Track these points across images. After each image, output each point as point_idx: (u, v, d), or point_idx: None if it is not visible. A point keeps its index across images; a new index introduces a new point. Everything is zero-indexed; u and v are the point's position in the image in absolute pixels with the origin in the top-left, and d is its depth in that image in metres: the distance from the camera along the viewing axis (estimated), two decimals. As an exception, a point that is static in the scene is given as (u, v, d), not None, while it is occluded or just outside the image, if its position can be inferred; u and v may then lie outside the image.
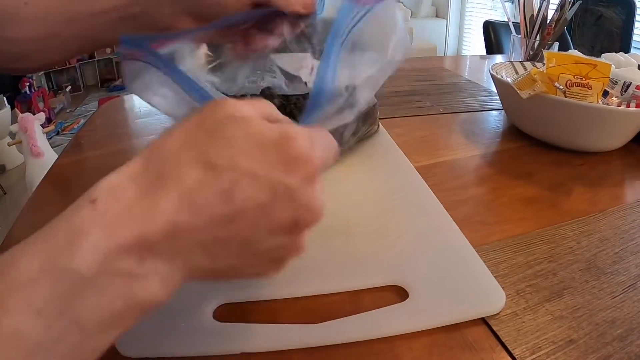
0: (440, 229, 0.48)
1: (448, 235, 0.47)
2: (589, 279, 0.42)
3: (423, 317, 0.37)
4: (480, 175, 0.63)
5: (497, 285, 0.40)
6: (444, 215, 0.50)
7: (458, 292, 0.39)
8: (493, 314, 0.38)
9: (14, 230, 0.51)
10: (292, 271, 0.41)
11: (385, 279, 0.41)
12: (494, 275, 0.41)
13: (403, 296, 0.39)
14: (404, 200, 0.53)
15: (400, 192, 0.55)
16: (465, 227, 0.47)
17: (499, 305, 0.38)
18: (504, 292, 0.39)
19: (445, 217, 0.50)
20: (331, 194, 0.54)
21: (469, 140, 0.73)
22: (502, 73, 0.80)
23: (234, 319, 0.37)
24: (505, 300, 0.39)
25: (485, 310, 0.38)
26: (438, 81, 1.10)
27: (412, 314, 0.37)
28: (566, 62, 0.66)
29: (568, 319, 0.37)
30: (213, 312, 0.38)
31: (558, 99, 0.63)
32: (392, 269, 0.42)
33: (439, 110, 0.88)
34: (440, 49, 5.31)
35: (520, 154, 0.68)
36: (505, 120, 0.82)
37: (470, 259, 0.43)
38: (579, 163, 0.64)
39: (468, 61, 1.46)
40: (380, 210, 0.51)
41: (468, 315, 0.38)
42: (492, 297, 0.39)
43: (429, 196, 0.54)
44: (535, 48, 1.06)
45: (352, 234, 0.47)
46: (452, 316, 0.37)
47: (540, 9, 1.04)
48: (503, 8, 1.22)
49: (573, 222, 0.51)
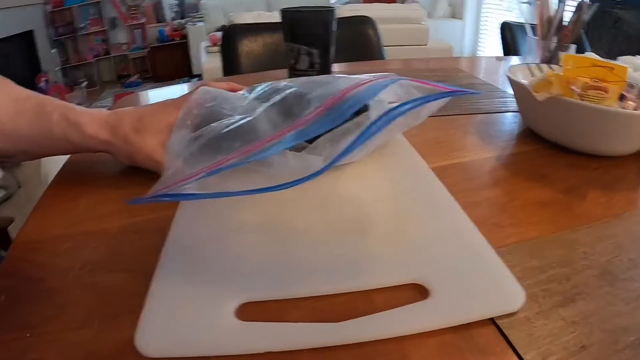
0: (457, 227, 0.48)
1: (466, 234, 0.47)
2: (603, 284, 0.41)
3: (446, 315, 0.37)
4: (494, 178, 0.62)
5: (515, 282, 0.40)
6: (461, 214, 0.50)
7: (478, 289, 0.40)
8: (512, 312, 0.38)
9: (29, 223, 0.52)
10: (312, 270, 0.42)
11: (406, 277, 0.41)
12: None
13: (424, 294, 0.39)
14: (420, 198, 0.53)
15: (415, 190, 0.55)
16: (479, 229, 0.47)
17: (519, 302, 0.38)
18: (522, 289, 0.39)
19: (462, 216, 0.50)
20: (348, 191, 0.55)
21: (483, 142, 0.73)
22: (518, 75, 0.79)
23: (254, 318, 0.37)
24: (524, 298, 0.39)
25: (505, 307, 0.38)
26: (453, 82, 1.10)
27: (435, 312, 0.37)
28: (583, 64, 0.65)
29: (581, 325, 0.37)
30: (234, 311, 0.38)
31: (574, 102, 0.62)
32: (411, 267, 0.42)
33: (454, 112, 0.87)
34: (456, 49, 5.29)
35: (535, 157, 0.68)
36: (520, 123, 0.82)
37: (487, 256, 0.44)
38: (594, 167, 0.64)
39: (484, 62, 1.46)
40: (397, 208, 0.52)
41: (489, 312, 0.38)
42: (512, 294, 0.39)
43: (445, 195, 0.54)
44: (552, 50, 1.05)
45: (371, 233, 0.47)
46: (474, 313, 0.37)
47: (558, 11, 1.04)
48: (520, 9, 1.21)
49: (588, 226, 0.50)
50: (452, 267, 0.42)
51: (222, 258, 0.44)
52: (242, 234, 0.47)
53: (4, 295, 0.41)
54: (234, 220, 0.49)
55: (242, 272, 0.42)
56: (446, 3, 5.53)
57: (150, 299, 0.39)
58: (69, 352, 0.35)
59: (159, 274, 0.42)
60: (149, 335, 0.35)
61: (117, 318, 0.38)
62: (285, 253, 0.44)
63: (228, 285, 0.40)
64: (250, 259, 0.44)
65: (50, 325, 0.38)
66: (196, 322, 0.36)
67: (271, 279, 0.41)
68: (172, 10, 5.93)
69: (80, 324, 0.38)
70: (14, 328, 0.38)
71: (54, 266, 0.45)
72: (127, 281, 0.43)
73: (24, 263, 0.46)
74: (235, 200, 0.51)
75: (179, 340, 0.35)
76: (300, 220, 0.50)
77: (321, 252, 0.44)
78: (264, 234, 0.47)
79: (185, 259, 0.44)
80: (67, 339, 0.36)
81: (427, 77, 1.12)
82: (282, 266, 0.43)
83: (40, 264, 0.45)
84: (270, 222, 0.49)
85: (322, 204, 0.53)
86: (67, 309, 0.39)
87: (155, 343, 0.35)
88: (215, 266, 0.43)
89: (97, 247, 0.48)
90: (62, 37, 5.36)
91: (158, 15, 5.84)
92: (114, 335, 0.37)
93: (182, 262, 0.43)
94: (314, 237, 0.47)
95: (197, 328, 0.36)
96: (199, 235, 0.47)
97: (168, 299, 0.39)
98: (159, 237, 0.48)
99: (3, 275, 0.44)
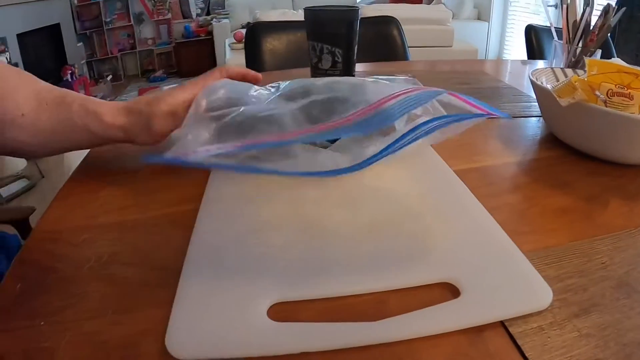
0: (483, 227, 0.48)
1: (492, 232, 0.47)
2: (620, 296, 0.41)
3: (478, 313, 0.37)
4: (515, 183, 0.61)
5: (542, 281, 0.40)
6: (485, 214, 0.50)
7: (507, 287, 0.40)
8: (541, 309, 0.38)
9: (48, 213, 0.53)
10: (343, 269, 0.42)
11: (437, 276, 0.41)
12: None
13: (454, 293, 0.40)
14: (445, 198, 0.54)
15: (440, 190, 0.55)
16: (496, 235, 0.46)
17: (547, 300, 0.39)
18: (549, 287, 0.40)
19: (487, 215, 0.50)
20: (372, 191, 0.55)
21: (505, 147, 0.72)
22: (542, 79, 0.78)
23: (284, 318, 0.37)
24: (552, 296, 0.39)
25: (534, 305, 0.38)
26: (477, 85, 1.09)
27: (467, 310, 0.38)
28: (608, 70, 0.64)
29: (595, 337, 0.36)
30: (267, 312, 0.38)
31: (598, 109, 0.61)
32: (441, 266, 0.42)
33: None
34: (481, 51, 5.24)
35: (557, 163, 0.67)
36: (543, 128, 0.81)
37: (515, 255, 0.44)
38: (617, 175, 0.62)
39: (509, 66, 1.44)
40: (423, 208, 0.52)
41: (520, 310, 0.38)
42: (540, 292, 0.39)
43: (469, 195, 0.54)
44: (577, 55, 1.03)
45: (400, 232, 0.47)
46: (505, 311, 0.38)
47: (584, 15, 1.02)
48: (545, 13, 1.19)
49: (607, 236, 0.49)
50: (480, 266, 0.42)
51: (249, 258, 0.44)
52: (267, 233, 0.47)
53: (21, 284, 0.42)
54: (259, 220, 0.49)
55: (272, 271, 0.42)
56: (472, 5, 5.48)
57: (178, 299, 0.38)
58: (81, 342, 0.36)
59: (185, 274, 0.41)
60: (180, 337, 0.35)
61: (130, 311, 0.39)
62: (315, 252, 0.44)
63: (258, 285, 0.40)
64: (279, 258, 0.43)
65: (64, 314, 0.38)
66: (228, 323, 0.36)
67: (303, 278, 0.41)
68: (198, 7, 5.97)
69: (93, 314, 0.38)
70: (29, 316, 0.38)
71: (71, 257, 0.46)
72: (142, 274, 0.43)
73: (41, 253, 0.46)
74: (258, 201, 0.52)
75: (211, 342, 0.35)
76: (327, 219, 0.50)
77: (351, 251, 0.44)
78: (290, 233, 0.47)
79: (212, 259, 0.44)
80: (80, 329, 0.37)
81: (450, 79, 1.12)
82: (313, 265, 0.43)
83: (57, 254, 0.46)
84: (296, 222, 0.49)
85: (347, 203, 0.52)
86: (81, 299, 0.40)
87: (186, 345, 0.34)
88: (243, 266, 0.43)
89: (113, 239, 0.48)
90: (88, 30, 5.44)
91: (184, 11, 5.89)
92: (126, 328, 0.37)
93: (208, 262, 0.43)
94: (342, 237, 0.47)
95: (230, 329, 0.36)
96: (224, 235, 0.47)
97: (197, 299, 0.39)
98: (175, 231, 0.48)
99: (20, 263, 0.45)
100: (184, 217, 0.50)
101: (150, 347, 0.35)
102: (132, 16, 5.63)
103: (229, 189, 0.55)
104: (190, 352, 0.34)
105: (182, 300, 0.38)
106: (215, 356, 0.34)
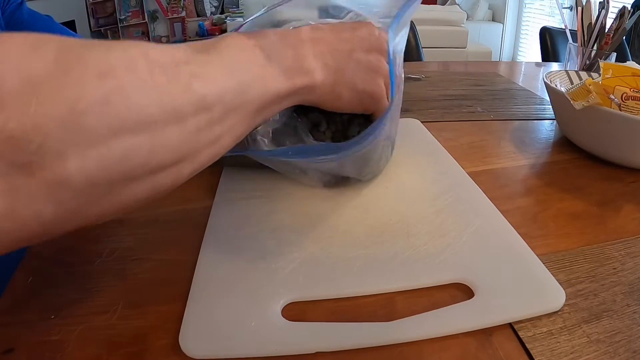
0: (496, 228, 0.48)
1: (504, 234, 0.47)
2: (631, 303, 0.40)
3: (492, 313, 0.37)
4: (527, 186, 0.61)
5: (555, 282, 0.40)
6: (499, 215, 0.50)
7: (520, 288, 0.40)
8: (553, 311, 0.38)
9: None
10: (357, 269, 0.42)
11: (450, 277, 0.41)
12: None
13: (468, 294, 0.40)
14: (456, 199, 0.53)
15: (451, 191, 0.55)
16: (506, 238, 0.46)
17: (560, 302, 0.39)
18: (562, 288, 0.40)
19: (500, 217, 0.50)
20: (385, 191, 0.55)
21: (518, 150, 0.72)
22: (556, 82, 0.78)
23: (298, 317, 0.37)
24: (565, 297, 0.39)
25: (547, 306, 0.38)
26: (491, 87, 1.08)
27: (481, 310, 0.38)
28: (623, 74, 0.64)
29: (605, 344, 0.36)
30: (281, 311, 0.38)
31: (612, 112, 0.60)
32: (454, 267, 0.42)
33: (490, 117, 0.86)
34: (496, 53, 5.21)
35: (570, 167, 0.66)
36: (557, 131, 0.80)
37: (527, 256, 0.44)
38: (630, 180, 0.62)
39: (523, 68, 1.43)
40: (436, 208, 0.52)
41: (533, 311, 0.38)
42: (553, 293, 0.39)
43: (481, 196, 0.54)
44: (592, 58, 1.03)
45: (413, 232, 0.47)
46: (519, 312, 0.38)
47: (599, 17, 1.01)
48: (560, 15, 1.18)
49: (619, 241, 0.49)
50: (493, 267, 0.42)
51: (262, 257, 0.44)
52: (281, 233, 0.47)
53: (32, 277, 0.42)
54: (271, 220, 0.49)
55: (286, 271, 0.42)
56: (486, 6, 5.45)
57: (192, 298, 0.39)
58: (91, 336, 0.36)
59: (198, 272, 0.42)
60: (193, 336, 0.35)
61: (140, 305, 0.39)
62: (328, 253, 0.44)
63: (272, 284, 0.40)
64: (293, 258, 0.44)
65: (75, 308, 0.39)
66: (243, 322, 0.36)
67: (316, 278, 0.41)
68: (212, 5, 5.99)
69: (103, 308, 0.39)
70: (40, 309, 0.38)
71: (83, 251, 0.46)
72: (153, 270, 0.43)
73: (53, 246, 0.47)
74: (271, 200, 0.52)
75: (225, 340, 0.35)
76: (339, 220, 0.50)
77: (364, 251, 0.44)
78: (303, 233, 0.47)
79: (225, 258, 0.44)
80: (90, 323, 0.37)
81: (464, 80, 1.11)
82: (327, 266, 0.43)
83: (69, 248, 0.46)
84: (309, 222, 0.49)
85: (359, 204, 0.52)
86: (92, 293, 0.40)
87: (200, 343, 0.34)
88: (256, 265, 0.43)
89: (126, 234, 0.48)
90: (102, 28, 5.47)
91: (198, 9, 5.90)
92: (135, 322, 0.37)
93: (222, 261, 0.43)
94: (355, 237, 0.47)
95: (245, 328, 0.36)
96: (237, 235, 0.47)
97: (210, 298, 0.39)
98: (187, 228, 0.49)
99: (32, 257, 0.45)
100: (197, 214, 0.51)
101: (161, 343, 0.35)
102: (147, 14, 5.66)
103: (242, 187, 0.55)
104: (204, 350, 0.34)
105: (195, 298, 0.38)
106: (229, 355, 0.34)
